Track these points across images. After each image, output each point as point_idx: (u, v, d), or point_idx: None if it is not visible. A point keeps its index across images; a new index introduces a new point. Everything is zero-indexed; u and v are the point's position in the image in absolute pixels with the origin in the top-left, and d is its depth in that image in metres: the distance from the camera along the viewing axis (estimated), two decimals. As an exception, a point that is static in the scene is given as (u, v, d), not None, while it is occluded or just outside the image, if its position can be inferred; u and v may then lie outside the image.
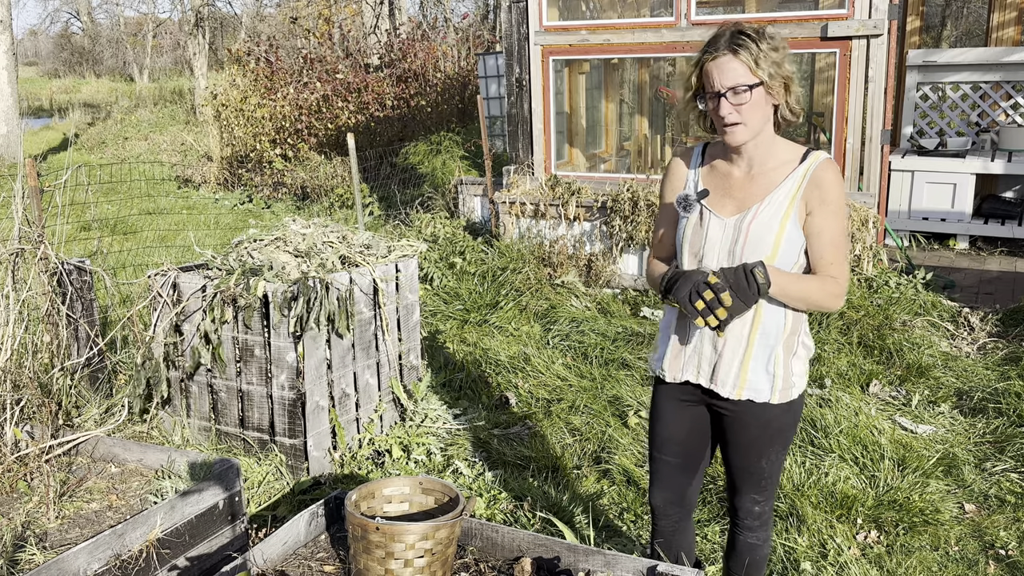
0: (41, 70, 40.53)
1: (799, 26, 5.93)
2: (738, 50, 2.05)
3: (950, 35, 18.32)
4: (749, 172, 2.20)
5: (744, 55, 2.05)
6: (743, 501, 2.42)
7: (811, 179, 2.14)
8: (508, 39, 6.96)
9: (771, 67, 2.06)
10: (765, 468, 2.35)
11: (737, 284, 2.06)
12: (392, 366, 4.10)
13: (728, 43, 2.06)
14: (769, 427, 2.29)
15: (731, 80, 2.06)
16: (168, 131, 16.87)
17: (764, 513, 2.44)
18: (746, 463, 2.35)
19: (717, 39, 2.09)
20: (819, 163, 2.15)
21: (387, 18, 17.54)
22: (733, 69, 2.06)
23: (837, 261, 2.16)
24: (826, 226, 2.14)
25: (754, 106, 2.08)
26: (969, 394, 4.46)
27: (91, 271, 4.03)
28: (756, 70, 2.05)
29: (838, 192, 2.14)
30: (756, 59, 2.05)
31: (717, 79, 2.07)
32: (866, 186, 6.05)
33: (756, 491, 2.39)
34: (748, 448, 2.33)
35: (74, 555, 2.41)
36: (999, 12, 8.59)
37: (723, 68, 2.06)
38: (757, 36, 2.07)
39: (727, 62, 2.06)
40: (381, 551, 2.13)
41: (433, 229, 6.89)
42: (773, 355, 2.23)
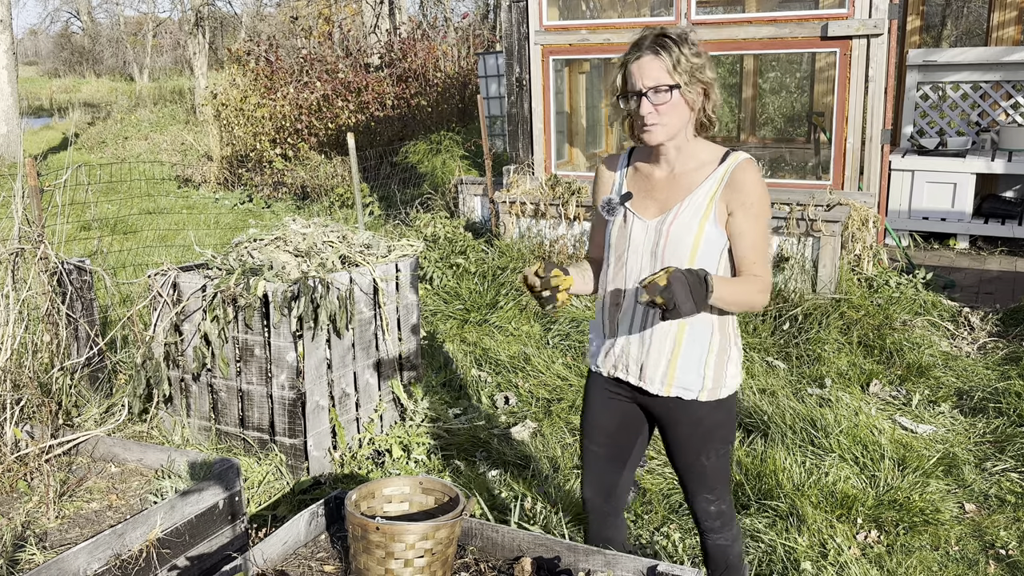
0: (41, 70, 40.53)
1: (799, 26, 5.92)
2: (659, 52, 2.11)
3: (950, 35, 18.32)
4: (671, 174, 2.25)
5: (665, 57, 2.10)
6: (697, 502, 2.43)
7: (729, 180, 2.17)
8: (508, 39, 6.96)
9: (690, 71, 2.12)
10: (707, 466, 2.35)
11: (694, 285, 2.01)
12: (392, 366, 4.10)
13: (651, 45, 2.12)
14: (700, 425, 2.31)
15: (651, 80, 2.11)
16: (168, 131, 16.88)
17: (723, 513, 2.43)
18: (687, 461, 2.37)
19: (641, 41, 2.15)
20: (737, 164, 2.18)
21: (387, 18, 17.53)
22: (654, 69, 2.11)
23: (759, 261, 2.20)
24: (747, 228, 2.17)
25: (673, 107, 2.13)
26: (969, 394, 4.46)
27: (91, 271, 4.03)
28: (674, 73, 2.11)
29: (758, 193, 2.17)
30: (676, 62, 2.11)
31: (639, 79, 2.13)
32: (866, 186, 6.05)
33: (706, 490, 2.40)
34: (685, 446, 2.35)
35: (74, 555, 2.41)
36: (999, 12, 8.59)
37: (644, 68, 2.12)
38: (679, 40, 2.13)
39: (648, 62, 2.12)
40: (381, 551, 2.13)
41: (433, 229, 6.88)
42: (703, 354, 2.26)
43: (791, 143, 9.33)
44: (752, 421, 4.08)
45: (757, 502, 3.44)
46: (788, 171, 7.85)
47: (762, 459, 3.67)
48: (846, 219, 5.80)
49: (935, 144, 7.78)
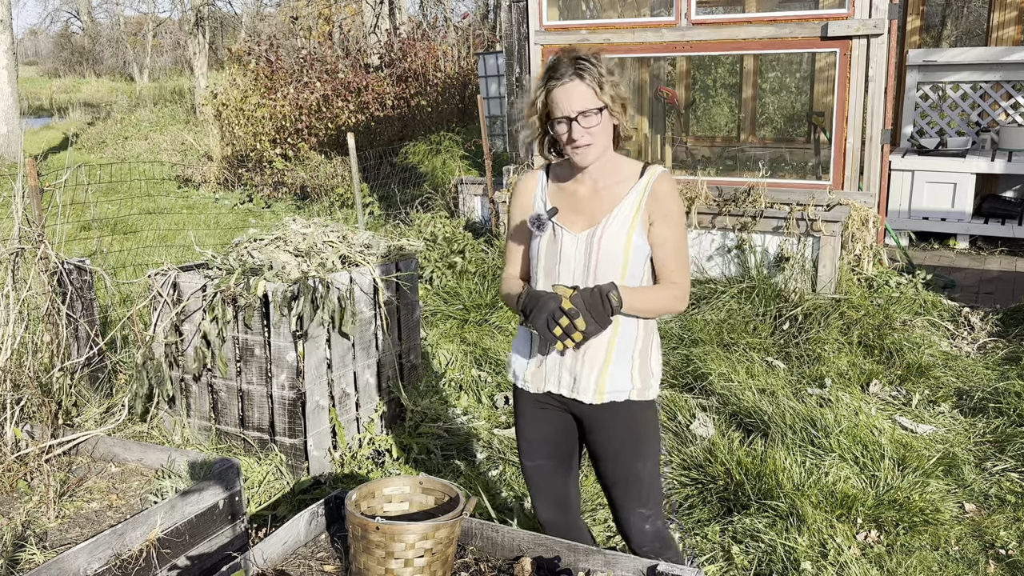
0: (41, 70, 40.53)
1: (799, 26, 5.92)
2: (583, 75, 2.13)
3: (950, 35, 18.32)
4: (595, 188, 2.29)
5: (589, 80, 2.13)
6: (631, 520, 2.39)
7: (651, 192, 2.23)
8: (508, 39, 6.96)
9: (612, 90, 2.16)
10: (642, 472, 2.35)
11: (593, 307, 2.15)
12: (392, 365, 4.10)
13: (574, 70, 2.14)
14: (635, 425, 2.33)
15: (580, 104, 2.14)
16: (168, 131, 16.88)
17: (659, 532, 2.39)
18: (623, 471, 2.35)
19: (560, 65, 2.16)
20: (656, 177, 2.25)
21: (387, 18, 17.53)
22: (581, 93, 2.14)
23: (679, 268, 2.27)
24: (668, 236, 2.24)
25: (602, 128, 2.18)
26: (969, 394, 4.46)
27: (91, 271, 4.03)
28: (601, 94, 2.15)
29: (677, 203, 2.25)
30: (600, 83, 2.14)
31: (567, 104, 2.15)
32: (866, 186, 6.05)
33: (640, 503, 2.37)
34: (620, 452, 2.34)
35: (74, 555, 2.41)
36: (999, 12, 8.59)
37: (571, 94, 2.14)
38: (597, 61, 2.16)
39: (575, 87, 2.14)
40: (381, 551, 2.13)
41: (433, 229, 6.88)
42: (631, 359, 2.30)
43: (791, 143, 9.33)
44: (752, 421, 4.08)
45: (757, 502, 3.44)
46: (788, 171, 7.85)
47: (762, 459, 3.67)
48: (846, 219, 5.80)
49: (935, 144, 7.78)
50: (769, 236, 5.88)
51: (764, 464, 3.62)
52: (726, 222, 5.98)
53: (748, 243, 5.92)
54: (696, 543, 3.21)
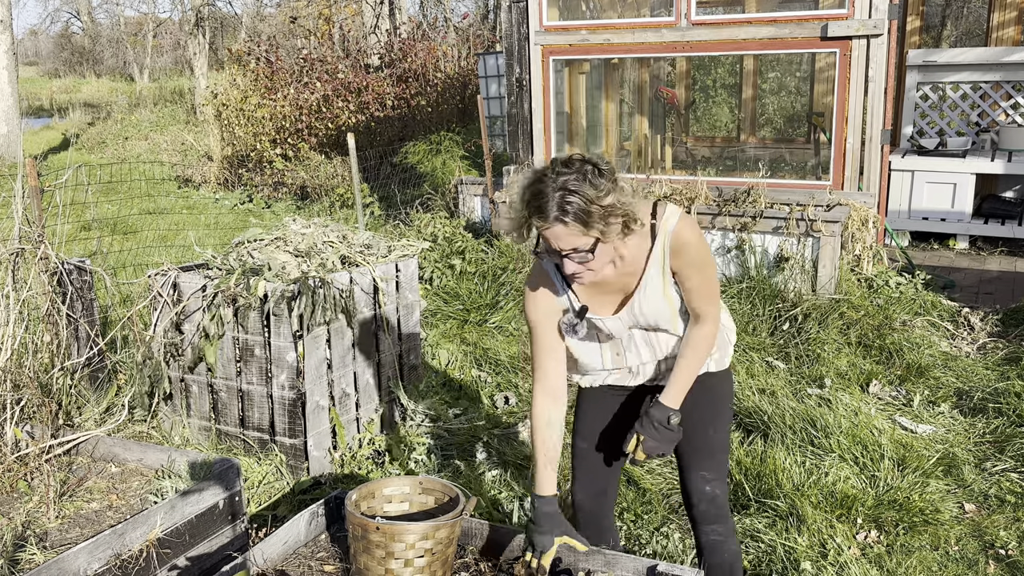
0: (41, 70, 40.52)
1: (799, 26, 5.93)
2: (565, 220, 1.93)
3: (950, 35, 18.32)
4: (615, 267, 2.15)
5: (572, 223, 1.93)
6: (694, 481, 2.42)
7: (671, 249, 2.14)
8: (508, 39, 6.96)
9: (603, 215, 1.95)
10: (713, 439, 2.39)
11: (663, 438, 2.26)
12: (392, 365, 4.10)
13: (556, 215, 1.93)
14: (711, 394, 2.38)
15: (568, 245, 1.98)
16: (168, 131, 16.87)
17: (718, 497, 2.42)
18: (695, 436, 2.38)
19: (544, 202, 1.93)
20: (671, 231, 2.12)
21: (387, 18, 17.53)
22: (566, 238, 1.96)
23: (708, 305, 2.22)
24: (694, 282, 2.18)
25: (600, 254, 2.02)
26: (969, 394, 4.46)
27: (91, 271, 4.03)
28: (589, 232, 1.95)
29: (696, 248, 2.14)
30: (586, 221, 1.93)
31: (554, 243, 1.99)
32: (866, 186, 6.05)
33: (706, 466, 2.40)
34: (696, 419, 2.37)
35: (74, 555, 2.41)
36: (999, 12, 8.59)
37: (557, 237, 1.97)
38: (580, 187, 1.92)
39: (559, 233, 1.95)
40: (381, 551, 2.13)
41: (433, 229, 6.88)
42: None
43: (791, 143, 9.33)
44: (752, 421, 4.08)
45: (757, 502, 3.44)
46: (788, 171, 7.85)
47: (762, 459, 3.67)
48: (846, 219, 5.80)
49: (935, 144, 7.78)
50: (769, 236, 5.89)
51: (764, 464, 3.62)
52: (726, 222, 5.98)
53: (748, 243, 5.92)
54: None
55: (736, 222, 5.94)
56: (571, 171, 1.95)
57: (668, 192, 6.10)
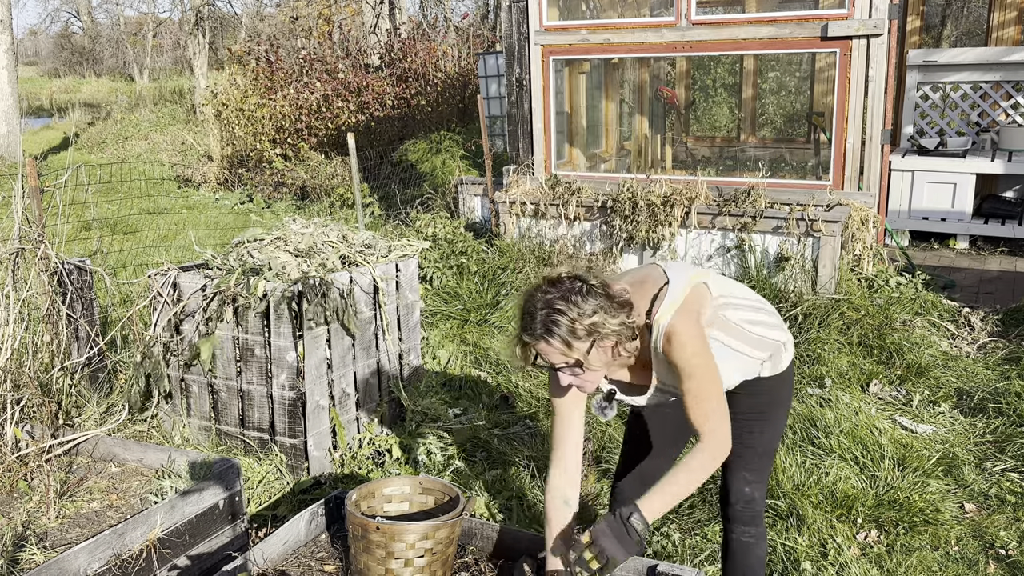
0: (41, 70, 40.50)
1: (799, 26, 5.92)
2: (549, 339, 2.00)
3: (950, 35, 18.31)
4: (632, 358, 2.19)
5: (556, 342, 2.00)
6: (735, 480, 2.43)
7: (663, 351, 2.13)
8: (508, 39, 6.96)
9: (589, 332, 1.99)
10: (757, 442, 2.39)
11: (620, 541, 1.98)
12: (392, 366, 4.10)
13: (541, 330, 2.00)
14: (761, 397, 2.37)
15: (557, 361, 2.04)
16: (168, 131, 16.87)
17: (755, 501, 2.43)
18: (740, 436, 2.35)
19: (531, 320, 2.01)
20: (663, 329, 2.11)
21: (387, 18, 17.53)
22: (553, 352, 2.02)
23: (702, 416, 2.11)
24: (685, 387, 2.11)
25: (593, 367, 2.04)
26: (969, 394, 4.46)
27: (91, 271, 4.03)
28: (572, 351, 2.00)
29: (689, 350, 2.09)
30: (568, 342, 1.99)
31: (546, 358, 2.05)
32: (866, 186, 6.05)
33: (747, 468, 2.41)
34: (745, 416, 2.37)
35: (74, 555, 2.41)
36: (999, 12, 8.59)
37: (544, 352, 2.04)
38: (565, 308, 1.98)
39: (545, 350, 2.03)
40: (381, 551, 2.13)
41: (433, 229, 6.88)
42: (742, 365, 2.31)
43: (791, 143, 9.33)
44: (752, 421, 4.08)
45: (757, 502, 3.44)
46: (788, 171, 7.85)
47: (762, 459, 3.67)
48: (846, 219, 5.80)
49: (935, 144, 7.78)
50: (769, 236, 5.89)
51: (764, 464, 3.62)
52: (726, 222, 5.98)
53: (748, 243, 5.92)
54: (696, 543, 3.21)
55: (736, 222, 5.94)
56: (557, 290, 2.01)
57: (668, 192, 6.11)
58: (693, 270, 2.25)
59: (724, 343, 2.24)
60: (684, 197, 6.07)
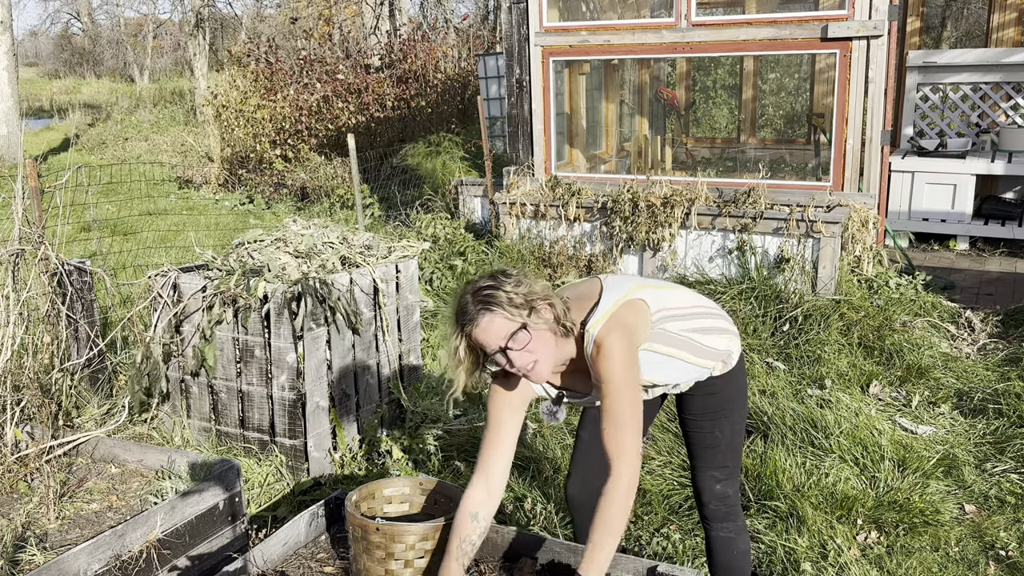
0: (41, 71, 40.51)
1: (799, 27, 5.93)
2: (490, 308, 2.04)
3: (950, 36, 18.31)
4: (574, 362, 2.24)
5: (496, 309, 2.04)
6: (705, 480, 2.46)
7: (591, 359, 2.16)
8: (508, 40, 6.96)
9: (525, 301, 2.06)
10: (719, 439, 2.42)
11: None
12: (392, 366, 4.10)
13: (478, 309, 2.05)
14: (716, 395, 2.41)
15: (502, 335, 2.05)
16: (168, 132, 16.87)
17: (728, 496, 2.46)
18: (701, 436, 2.44)
19: (465, 307, 2.07)
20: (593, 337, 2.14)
21: (387, 19, 17.54)
22: (496, 326, 2.05)
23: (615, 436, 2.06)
24: (603, 401, 2.10)
25: (537, 339, 2.07)
26: (969, 395, 4.46)
27: (91, 272, 4.04)
28: (514, 315, 2.05)
29: (607, 364, 2.09)
30: (508, 304, 2.05)
31: (490, 341, 2.06)
32: (866, 187, 6.05)
33: (715, 466, 2.44)
34: (700, 419, 2.43)
35: (74, 555, 2.41)
36: (999, 13, 8.60)
37: (486, 331, 2.05)
38: (496, 284, 2.08)
39: (487, 323, 2.05)
40: (381, 551, 2.13)
41: (433, 230, 6.89)
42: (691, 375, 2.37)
43: (791, 144, 9.32)
44: (752, 422, 4.08)
45: (757, 503, 3.44)
46: (788, 172, 7.85)
47: (762, 460, 3.67)
48: (846, 220, 5.80)
49: (935, 145, 7.78)
50: (769, 237, 5.89)
51: (764, 465, 3.62)
52: (726, 223, 5.98)
53: (748, 244, 5.92)
54: (696, 544, 3.21)
55: (736, 223, 5.94)
56: (479, 281, 2.12)
57: (668, 193, 6.11)
58: (632, 283, 2.26)
59: (670, 355, 2.28)
60: (684, 198, 6.07)
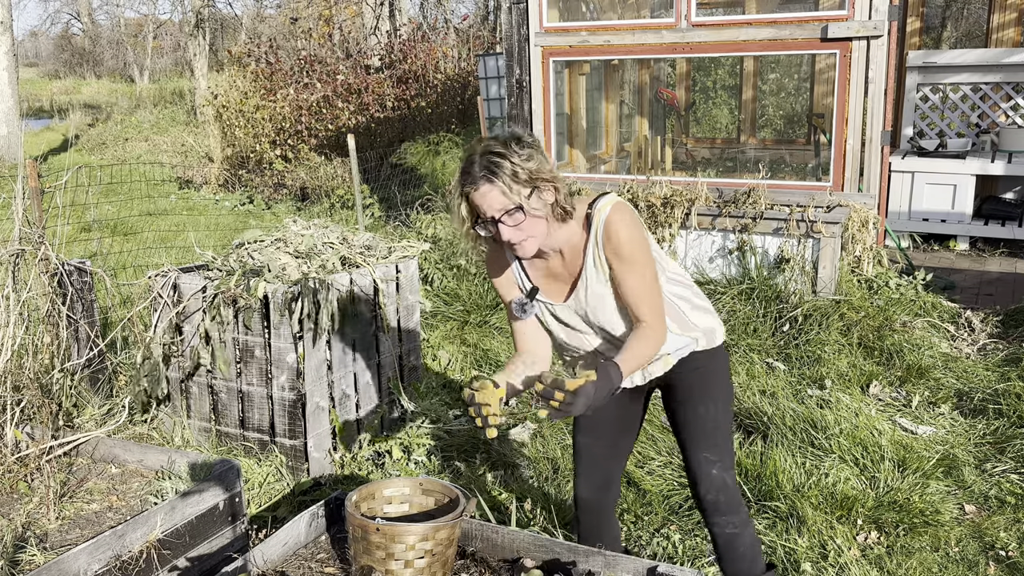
0: (42, 71, 40.51)
1: (799, 27, 5.93)
2: (492, 178, 2.05)
3: (950, 36, 18.32)
4: (561, 256, 2.26)
5: (497, 182, 2.04)
6: (698, 464, 2.40)
7: (603, 235, 2.16)
8: (508, 40, 6.96)
9: (529, 179, 2.06)
10: (707, 416, 2.38)
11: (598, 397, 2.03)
12: (392, 367, 4.10)
13: (482, 173, 2.06)
14: (701, 371, 2.38)
15: (498, 207, 2.06)
16: (169, 132, 16.88)
17: (727, 486, 2.39)
18: (688, 413, 2.40)
19: (471, 167, 2.08)
20: (603, 217, 2.16)
21: (387, 19, 17.54)
22: (494, 198, 2.06)
23: (643, 307, 2.17)
24: (624, 277, 2.16)
25: (531, 220, 2.09)
26: (969, 395, 4.46)
27: (91, 272, 4.04)
28: (512, 193, 2.05)
29: (627, 238, 2.14)
30: (512, 180, 2.05)
31: (486, 207, 2.08)
32: (866, 187, 6.05)
33: (707, 447, 2.39)
34: (687, 396, 2.40)
35: (74, 556, 2.41)
36: (999, 13, 8.59)
37: (485, 199, 2.07)
38: (506, 152, 2.06)
39: (486, 192, 2.06)
40: (381, 552, 2.14)
41: (434, 230, 6.88)
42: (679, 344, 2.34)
43: (791, 144, 9.32)
44: (752, 422, 4.08)
45: (757, 503, 3.44)
46: (788, 172, 7.85)
47: (762, 460, 3.67)
48: (846, 220, 5.80)
49: (935, 146, 7.78)
50: (769, 237, 5.89)
51: (764, 465, 3.62)
52: (726, 223, 5.98)
53: (748, 244, 5.92)
54: (696, 544, 3.21)
55: (736, 223, 5.94)
56: (496, 140, 2.09)
57: (668, 193, 6.11)
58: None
59: None
60: (684, 198, 6.07)
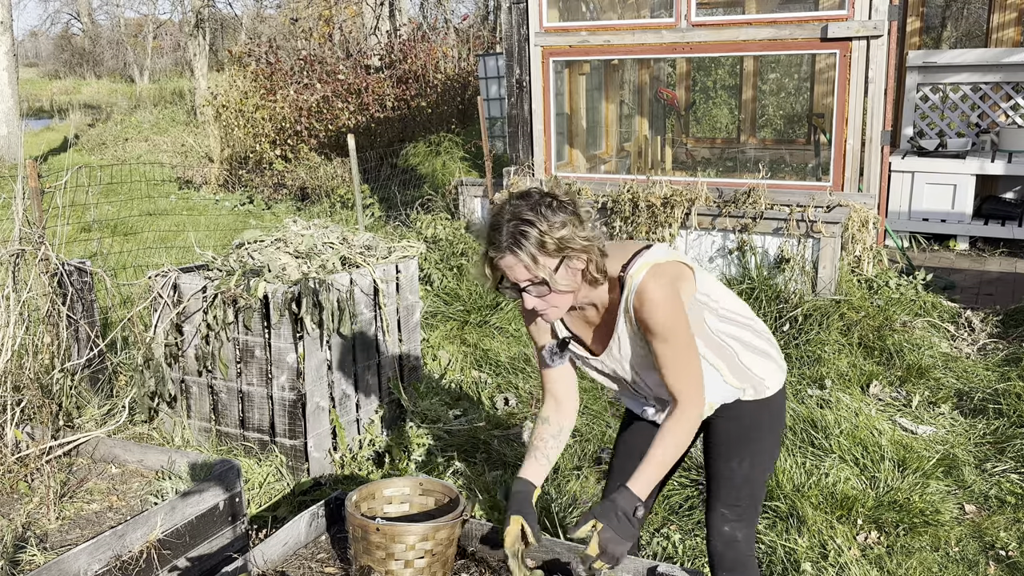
0: (41, 71, 40.51)
1: (799, 27, 5.93)
2: (517, 251, 1.89)
3: (950, 36, 18.31)
4: (596, 308, 2.13)
5: (521, 255, 1.89)
6: (713, 517, 2.26)
7: (633, 304, 2.01)
8: (508, 40, 6.96)
9: (558, 248, 1.90)
10: (734, 473, 2.21)
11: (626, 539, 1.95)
12: (393, 366, 4.10)
13: (507, 242, 1.90)
14: (740, 421, 2.20)
15: (522, 278, 1.92)
16: (168, 132, 16.87)
17: (737, 542, 2.23)
18: (715, 466, 2.25)
19: (497, 233, 1.91)
20: (635, 284, 2.00)
21: (387, 19, 17.54)
22: (518, 270, 1.91)
23: (676, 381, 2.02)
24: (657, 350, 2.01)
25: (559, 291, 1.94)
26: (969, 395, 4.46)
27: (92, 272, 4.04)
28: (537, 267, 1.89)
29: (661, 312, 1.97)
30: (536, 252, 1.88)
31: (509, 275, 1.94)
32: (866, 187, 6.05)
33: (725, 504, 2.23)
34: (717, 448, 2.25)
35: (75, 556, 2.41)
36: (999, 13, 8.60)
37: (509, 268, 1.92)
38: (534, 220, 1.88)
39: (511, 264, 1.91)
40: (381, 552, 2.14)
41: (434, 230, 6.88)
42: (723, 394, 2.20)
43: (791, 144, 9.33)
44: (752, 422, 4.08)
45: (757, 503, 3.43)
46: (788, 172, 7.85)
47: (762, 460, 3.67)
48: (846, 220, 5.80)
49: (935, 145, 7.78)
50: (769, 237, 5.89)
51: (764, 465, 3.62)
52: (726, 223, 5.98)
53: (748, 244, 5.92)
54: (696, 544, 3.21)
55: (736, 223, 5.94)
56: (526, 202, 1.92)
57: (668, 193, 6.11)
58: (680, 255, 2.14)
59: (700, 354, 2.09)
60: (684, 198, 6.07)
